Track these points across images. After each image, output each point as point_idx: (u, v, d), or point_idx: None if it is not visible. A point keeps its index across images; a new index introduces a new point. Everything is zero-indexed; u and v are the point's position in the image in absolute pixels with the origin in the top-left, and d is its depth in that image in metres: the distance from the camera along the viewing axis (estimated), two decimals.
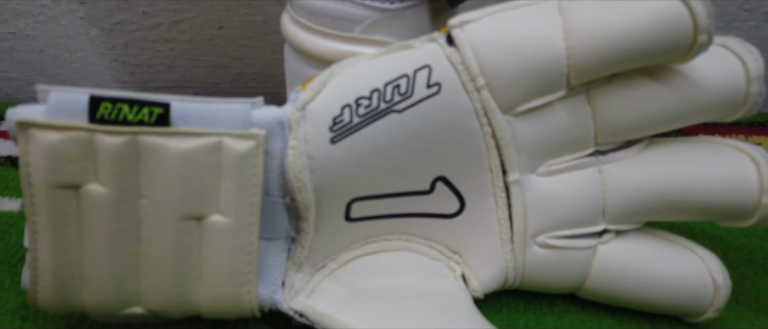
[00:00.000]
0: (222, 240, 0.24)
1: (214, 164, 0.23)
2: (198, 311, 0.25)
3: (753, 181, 0.25)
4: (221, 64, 0.47)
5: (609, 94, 0.25)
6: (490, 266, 0.28)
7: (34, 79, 0.47)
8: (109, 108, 0.22)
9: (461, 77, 0.25)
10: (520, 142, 0.26)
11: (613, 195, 0.27)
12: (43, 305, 0.24)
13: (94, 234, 0.23)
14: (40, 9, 0.43)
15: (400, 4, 0.26)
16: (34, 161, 0.22)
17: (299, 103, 0.24)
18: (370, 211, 0.27)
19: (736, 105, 0.25)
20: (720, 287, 0.27)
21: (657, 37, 0.23)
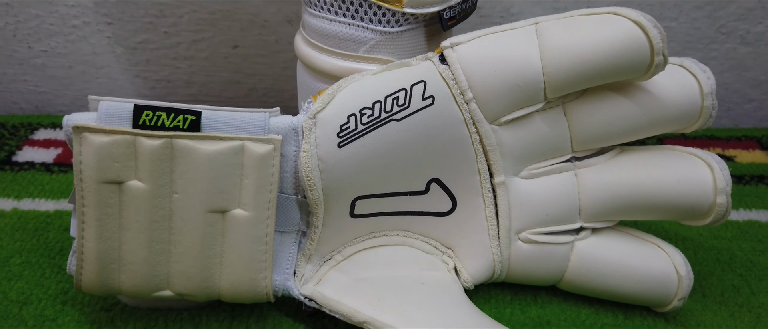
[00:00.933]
0: (242, 231, 0.28)
1: (237, 164, 0.27)
2: (219, 295, 0.29)
3: (708, 184, 0.29)
4: (235, 80, 0.51)
5: (582, 106, 0.29)
6: (480, 259, 0.31)
7: (62, 93, 0.51)
8: (149, 115, 0.26)
9: (452, 91, 0.28)
10: (504, 148, 0.29)
11: (588, 197, 0.30)
12: (86, 288, 0.28)
13: (132, 224, 0.27)
14: (72, 29, 0.48)
15: (399, 27, 0.30)
16: (85, 160, 0.26)
17: (311, 112, 0.28)
18: (372, 209, 0.30)
19: (693, 117, 0.29)
20: (683, 278, 0.30)
21: (619, 58, 0.26)
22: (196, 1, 0.46)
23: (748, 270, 0.35)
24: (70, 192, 0.40)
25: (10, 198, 0.39)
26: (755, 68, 0.50)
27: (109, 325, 0.31)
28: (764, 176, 0.43)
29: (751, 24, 0.48)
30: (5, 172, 0.41)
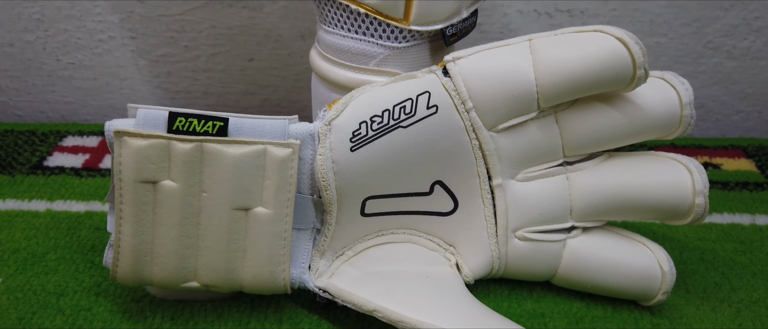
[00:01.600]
0: (263, 227, 0.30)
1: (260, 166, 0.30)
2: (241, 286, 0.31)
3: (688, 186, 0.31)
4: (250, 91, 0.54)
5: (573, 115, 0.32)
6: (479, 256, 0.34)
7: (87, 103, 0.54)
8: (182, 121, 0.29)
9: (454, 101, 0.31)
10: (501, 153, 0.32)
11: (578, 198, 0.33)
12: (121, 279, 0.31)
13: (165, 220, 0.30)
14: (98, 43, 0.51)
15: (406, 43, 0.33)
16: (124, 161, 0.29)
17: (326, 119, 0.31)
18: (380, 208, 0.33)
19: (674, 125, 0.32)
20: (666, 273, 0.33)
21: (605, 71, 0.29)
22: (215, 18, 0.49)
23: (729, 268, 0.38)
24: (98, 195, 0.42)
25: (43, 200, 0.42)
26: (742, 81, 0.53)
27: (139, 315, 0.33)
28: (748, 183, 0.46)
29: (737, 40, 0.51)
30: (37, 176, 0.44)
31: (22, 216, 0.40)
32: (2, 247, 0.37)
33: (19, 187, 0.43)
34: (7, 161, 0.46)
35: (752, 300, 0.36)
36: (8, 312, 0.33)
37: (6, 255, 0.37)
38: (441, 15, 0.32)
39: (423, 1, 0.31)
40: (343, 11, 0.32)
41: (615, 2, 0.49)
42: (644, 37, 0.51)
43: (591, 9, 0.49)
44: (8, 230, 0.39)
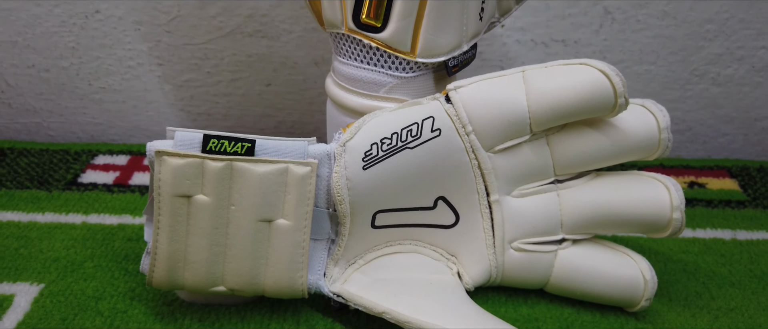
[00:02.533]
0: (284, 237, 0.34)
1: (282, 183, 0.33)
2: (263, 291, 0.35)
3: (666, 202, 0.35)
4: (267, 114, 0.58)
5: (562, 138, 0.36)
6: (479, 265, 0.37)
7: (115, 124, 0.58)
8: (215, 143, 0.32)
9: (455, 125, 0.35)
10: (498, 171, 0.36)
11: (568, 213, 0.36)
12: (157, 283, 0.34)
13: (197, 230, 0.33)
14: (127, 69, 0.55)
15: (412, 73, 0.36)
16: (163, 177, 0.32)
17: (341, 141, 0.34)
18: (389, 221, 0.36)
19: (653, 147, 0.35)
20: (648, 281, 0.36)
21: (589, 100, 0.33)
22: (235, 46, 0.54)
23: (710, 279, 0.41)
24: (129, 209, 0.46)
25: (79, 214, 0.45)
26: (726, 106, 0.56)
27: (170, 317, 0.37)
28: (731, 201, 0.49)
29: (721, 67, 0.54)
30: (73, 192, 0.48)
31: (61, 228, 0.44)
32: (44, 256, 0.41)
33: (57, 202, 0.47)
34: (44, 178, 0.50)
35: (730, 308, 0.39)
36: (52, 314, 0.37)
37: (47, 263, 0.41)
38: (444, 49, 0.36)
39: (427, 37, 0.35)
40: (356, 45, 0.36)
41: (606, 33, 0.53)
42: (634, 65, 0.54)
43: (584, 39, 0.53)
44: (48, 240, 0.43)
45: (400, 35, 0.35)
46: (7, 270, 0.40)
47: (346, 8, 0.35)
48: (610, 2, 0.52)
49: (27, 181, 0.49)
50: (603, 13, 0.52)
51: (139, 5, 0.52)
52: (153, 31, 0.53)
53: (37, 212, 0.45)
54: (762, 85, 0.55)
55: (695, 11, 0.52)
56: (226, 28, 0.53)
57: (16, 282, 0.39)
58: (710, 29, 0.53)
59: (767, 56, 0.54)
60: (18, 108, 0.57)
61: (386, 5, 0.34)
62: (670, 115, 0.34)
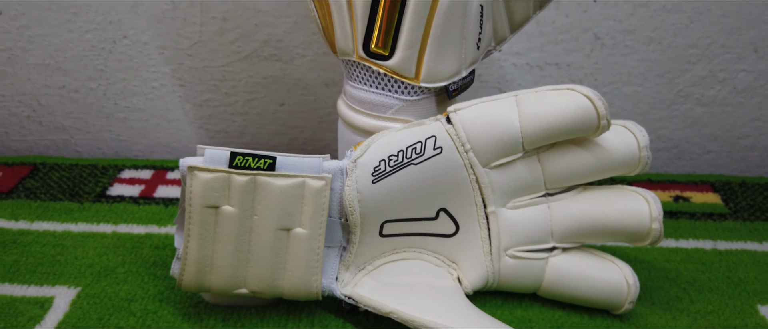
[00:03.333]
0: (301, 244, 0.38)
1: (300, 195, 0.37)
2: (282, 293, 0.39)
3: (646, 214, 0.38)
4: (280, 132, 0.62)
5: (552, 155, 0.39)
6: (477, 271, 0.41)
7: (138, 141, 0.62)
8: (241, 159, 0.36)
9: (455, 143, 0.39)
10: (494, 186, 0.40)
11: (557, 223, 0.40)
12: (185, 286, 0.38)
13: (223, 237, 0.37)
14: (151, 90, 0.59)
15: (416, 97, 0.40)
16: (194, 190, 0.36)
17: (353, 157, 0.38)
18: (396, 230, 0.40)
19: (634, 164, 0.39)
20: (631, 286, 0.40)
21: (575, 121, 0.37)
22: (252, 69, 0.58)
23: (690, 285, 0.45)
24: (154, 219, 0.50)
25: (109, 224, 0.49)
26: (711, 125, 0.60)
27: (196, 317, 0.40)
28: (713, 213, 0.53)
29: (705, 89, 0.58)
30: (102, 204, 0.52)
31: (93, 237, 0.48)
32: (79, 262, 0.45)
33: (88, 213, 0.51)
34: (76, 191, 0.54)
35: (707, 311, 0.42)
36: (89, 315, 0.40)
37: (83, 268, 0.44)
38: (444, 75, 0.40)
39: (430, 65, 0.39)
40: (366, 71, 0.40)
41: (597, 57, 0.57)
42: (623, 87, 0.58)
43: (576, 62, 0.57)
44: (82, 248, 0.46)
45: (405, 63, 0.39)
46: (47, 275, 0.44)
47: (357, 38, 0.39)
48: (600, 28, 0.56)
49: (59, 194, 0.53)
50: (593, 39, 0.56)
51: (163, 31, 0.56)
52: (176, 54, 0.57)
53: (70, 222, 0.49)
54: (743, 106, 0.59)
55: (679, 37, 0.56)
56: (244, 52, 0.57)
57: (55, 285, 0.43)
58: (694, 53, 0.57)
59: (747, 78, 0.58)
60: (48, 125, 0.61)
61: (393, 36, 0.39)
62: (657, 133, 0.38)
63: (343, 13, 0.39)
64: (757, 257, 0.48)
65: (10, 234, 0.48)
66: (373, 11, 0.38)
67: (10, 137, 0.62)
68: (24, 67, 0.58)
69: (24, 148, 0.62)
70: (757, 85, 0.58)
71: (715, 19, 0.55)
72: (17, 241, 0.47)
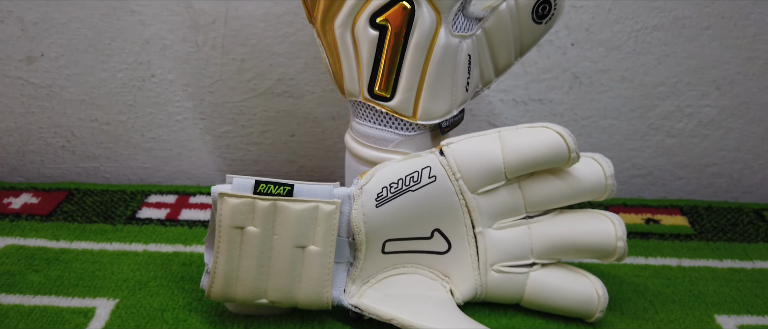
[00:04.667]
0: (314, 260, 0.44)
1: (313, 217, 0.43)
2: (297, 303, 0.44)
3: (612, 233, 0.45)
4: (291, 160, 0.68)
5: (531, 183, 0.46)
6: (467, 284, 0.47)
7: (161, 169, 0.68)
8: (264, 186, 0.43)
9: (447, 172, 0.45)
10: (481, 209, 0.46)
11: (536, 242, 0.46)
12: (214, 297, 0.44)
13: (247, 254, 0.43)
14: (175, 122, 0.65)
15: (414, 132, 0.47)
16: (224, 213, 0.42)
17: (359, 185, 0.44)
18: (396, 248, 0.46)
19: (601, 191, 0.45)
20: (601, 297, 0.46)
21: (549, 154, 0.43)
22: (266, 104, 0.64)
23: (656, 297, 0.50)
24: (180, 240, 0.56)
25: (140, 243, 0.55)
26: (680, 154, 0.67)
27: (221, 325, 0.46)
28: (680, 234, 0.59)
29: (674, 122, 0.65)
30: (133, 225, 0.58)
31: (126, 255, 0.54)
32: (115, 277, 0.51)
33: (120, 233, 0.57)
34: (108, 214, 0.60)
35: (670, 320, 0.48)
36: (127, 323, 0.46)
37: (119, 282, 0.50)
38: (438, 114, 0.46)
39: (425, 106, 0.45)
40: (370, 110, 0.47)
41: (576, 94, 0.64)
42: (600, 120, 0.65)
43: (557, 99, 0.64)
44: (118, 265, 0.52)
45: (404, 104, 0.45)
46: (88, 288, 0.49)
47: (363, 82, 0.46)
48: (578, 69, 0.62)
49: (94, 216, 0.59)
50: (572, 78, 0.63)
51: (188, 70, 0.63)
52: (198, 91, 0.64)
53: (105, 242, 0.55)
54: (709, 137, 0.66)
55: (649, 76, 0.63)
56: (259, 89, 0.63)
57: (95, 297, 0.49)
58: (662, 90, 0.63)
59: (712, 113, 0.64)
60: (80, 154, 0.67)
61: (394, 81, 0.45)
62: (632, 161, 0.44)
63: (351, 61, 0.46)
64: (717, 273, 0.54)
65: (52, 252, 0.54)
66: (376, 60, 0.45)
67: (46, 165, 0.68)
68: (61, 102, 0.64)
69: (57, 175, 0.69)
70: (720, 119, 0.65)
71: (680, 60, 0.62)
72: (59, 259, 0.53)
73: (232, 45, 0.61)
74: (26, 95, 0.64)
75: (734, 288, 0.52)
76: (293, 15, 0.60)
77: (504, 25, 0.46)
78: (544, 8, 0.47)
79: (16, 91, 0.64)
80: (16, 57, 0.62)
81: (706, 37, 0.61)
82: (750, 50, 0.61)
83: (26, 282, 0.50)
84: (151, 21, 0.60)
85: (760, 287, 0.52)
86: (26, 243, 0.55)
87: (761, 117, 0.64)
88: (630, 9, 0.60)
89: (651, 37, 0.61)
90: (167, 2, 0.60)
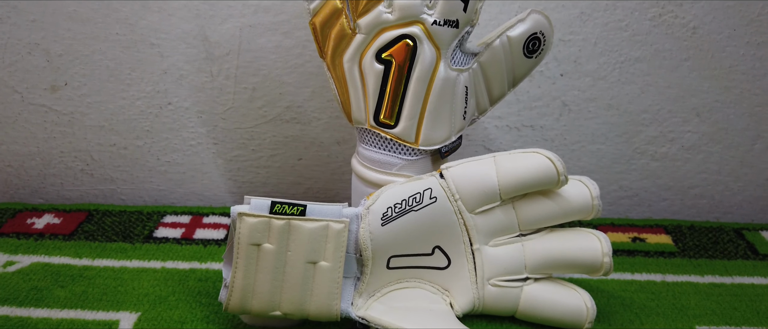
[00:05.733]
0: (325, 275, 0.47)
1: (324, 235, 0.47)
2: (308, 315, 0.48)
3: (598, 250, 0.49)
4: (298, 182, 0.72)
5: (523, 203, 0.50)
6: (465, 297, 0.50)
7: (175, 191, 0.72)
8: (279, 207, 0.46)
9: (447, 194, 0.49)
10: (478, 228, 0.50)
11: (529, 258, 0.50)
12: (231, 309, 0.47)
13: (263, 268, 0.47)
14: (189, 147, 0.69)
15: (416, 157, 0.51)
16: (242, 231, 0.46)
17: (366, 205, 0.48)
18: (400, 264, 0.50)
19: (588, 211, 0.49)
20: (589, 309, 0.49)
21: (539, 177, 0.47)
22: (276, 130, 0.68)
23: (641, 310, 0.54)
24: (196, 257, 0.60)
25: (158, 261, 0.59)
26: (664, 177, 0.71)
27: None
28: (664, 252, 0.63)
29: (657, 146, 0.69)
30: (151, 244, 0.62)
31: (146, 272, 0.57)
32: (136, 292, 0.54)
33: (139, 252, 0.60)
34: (127, 233, 0.63)
35: None
36: None
37: (141, 297, 0.54)
38: (438, 140, 0.51)
39: (426, 132, 0.50)
40: (376, 137, 0.51)
41: (565, 120, 0.68)
42: (588, 145, 0.69)
43: (548, 125, 0.68)
44: (138, 281, 0.56)
45: (407, 131, 0.50)
46: (111, 302, 0.53)
47: (369, 111, 0.50)
48: (567, 97, 0.67)
49: (114, 236, 0.63)
50: (561, 106, 0.67)
51: (202, 99, 0.67)
52: (212, 118, 0.68)
53: (125, 259, 0.59)
54: (691, 161, 0.70)
55: (633, 104, 0.67)
56: (269, 116, 0.68)
57: (119, 311, 0.52)
58: (646, 117, 0.68)
59: (693, 138, 0.69)
60: (98, 177, 0.71)
61: (397, 110, 0.49)
62: (619, 183, 0.47)
63: (358, 92, 0.50)
64: (699, 287, 0.58)
65: (76, 269, 0.57)
66: (382, 91, 0.49)
67: (65, 187, 0.72)
68: (82, 128, 0.68)
69: (76, 197, 0.72)
70: (701, 144, 0.69)
71: (662, 89, 0.67)
72: (83, 275, 0.56)
73: (245, 75, 0.66)
74: (49, 121, 0.68)
75: (715, 301, 0.56)
76: (302, 48, 0.64)
77: (497, 60, 0.51)
78: (534, 44, 0.51)
79: (40, 118, 0.68)
80: (41, 86, 0.66)
81: (686, 68, 0.66)
82: (727, 80, 0.66)
83: (53, 297, 0.53)
84: (170, 53, 0.65)
85: (738, 300, 0.56)
86: (51, 260, 0.58)
87: (739, 142, 0.69)
88: (614, 42, 0.65)
89: (634, 68, 0.66)
90: (185, 36, 0.64)
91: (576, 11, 0.63)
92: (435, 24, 0.48)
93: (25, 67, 0.65)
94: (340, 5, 0.49)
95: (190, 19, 0.63)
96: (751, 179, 0.71)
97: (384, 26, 0.48)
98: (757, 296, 0.56)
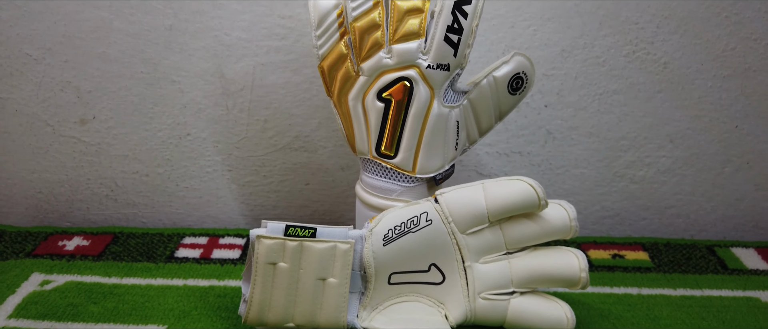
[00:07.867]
0: (333, 290, 0.53)
1: (332, 255, 0.53)
2: (318, 326, 0.54)
3: (576, 266, 0.54)
4: (305, 205, 0.78)
5: (510, 225, 0.56)
6: (458, 310, 0.56)
7: (192, 214, 0.78)
8: (292, 229, 0.53)
9: (441, 217, 0.55)
10: (469, 247, 0.56)
11: (515, 274, 0.56)
12: (250, 322, 0.53)
13: (278, 285, 0.53)
14: (205, 173, 0.76)
15: (413, 184, 0.57)
16: (260, 252, 0.52)
17: (369, 228, 0.54)
18: (399, 280, 0.56)
19: (567, 231, 0.55)
20: (569, 319, 0.55)
21: (522, 202, 0.53)
22: (285, 157, 0.75)
23: (617, 320, 0.60)
24: (215, 275, 0.65)
25: (180, 278, 0.65)
26: (643, 198, 0.77)
27: None
28: (641, 267, 0.69)
29: (635, 170, 0.75)
30: (172, 264, 0.67)
31: (170, 289, 0.63)
32: (162, 307, 0.60)
33: (163, 270, 0.66)
34: (150, 254, 0.69)
35: None
36: None
37: (166, 311, 0.59)
38: (432, 169, 0.57)
39: (422, 162, 0.56)
40: (377, 166, 0.57)
41: (550, 147, 0.74)
42: (572, 169, 0.75)
43: (534, 151, 0.74)
44: (163, 297, 0.62)
45: (405, 161, 0.56)
46: (139, 317, 0.59)
47: (371, 143, 0.56)
48: (551, 126, 0.73)
49: (139, 256, 0.69)
50: (546, 133, 0.74)
51: (218, 130, 0.73)
52: (227, 147, 0.74)
53: (151, 278, 0.65)
54: (666, 183, 0.76)
55: (612, 131, 0.74)
56: (279, 145, 0.74)
57: (147, 324, 0.58)
58: (624, 144, 0.74)
59: (667, 162, 0.75)
60: (122, 202, 0.77)
61: (397, 142, 0.56)
62: (601, 204, 0.53)
63: (362, 126, 0.57)
64: (671, 300, 0.63)
65: (107, 287, 0.63)
66: (382, 125, 0.56)
67: (91, 211, 0.78)
68: (108, 157, 0.74)
69: (100, 220, 0.78)
70: (675, 168, 0.75)
71: (637, 118, 0.73)
72: (113, 292, 0.62)
73: (257, 108, 0.72)
74: (77, 152, 0.74)
75: (685, 312, 0.61)
76: (309, 83, 0.71)
77: (485, 97, 0.57)
78: (517, 82, 0.57)
79: (69, 148, 0.74)
80: (71, 119, 0.73)
81: (659, 98, 0.72)
82: (697, 110, 0.73)
83: (88, 312, 0.59)
84: (189, 89, 0.71)
85: (706, 311, 0.62)
86: (83, 279, 0.64)
87: (710, 165, 0.75)
88: (593, 76, 0.71)
89: (612, 100, 0.72)
90: (203, 73, 0.71)
91: (557, 49, 0.70)
92: (429, 67, 0.54)
93: (58, 102, 0.72)
94: (345, 51, 0.55)
95: (208, 59, 0.70)
96: (722, 199, 0.77)
97: (384, 69, 0.55)
98: (724, 307, 0.62)
